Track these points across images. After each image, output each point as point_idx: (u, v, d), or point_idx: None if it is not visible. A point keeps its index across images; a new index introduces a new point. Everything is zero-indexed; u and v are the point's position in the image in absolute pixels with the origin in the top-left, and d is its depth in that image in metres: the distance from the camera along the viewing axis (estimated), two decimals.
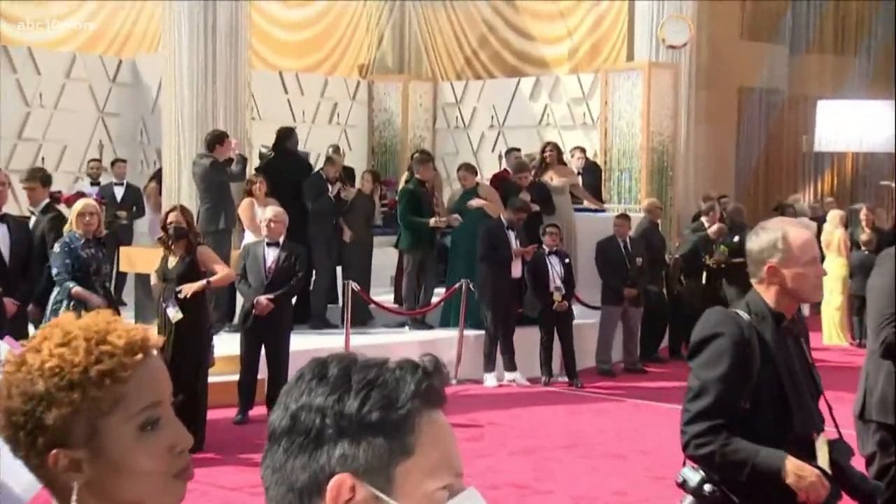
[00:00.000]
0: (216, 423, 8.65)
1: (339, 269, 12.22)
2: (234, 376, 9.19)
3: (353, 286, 10.81)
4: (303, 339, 10.22)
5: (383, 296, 12.57)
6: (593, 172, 14.73)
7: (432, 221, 11.84)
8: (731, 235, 13.45)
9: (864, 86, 21.02)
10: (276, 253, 9.20)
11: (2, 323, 7.34)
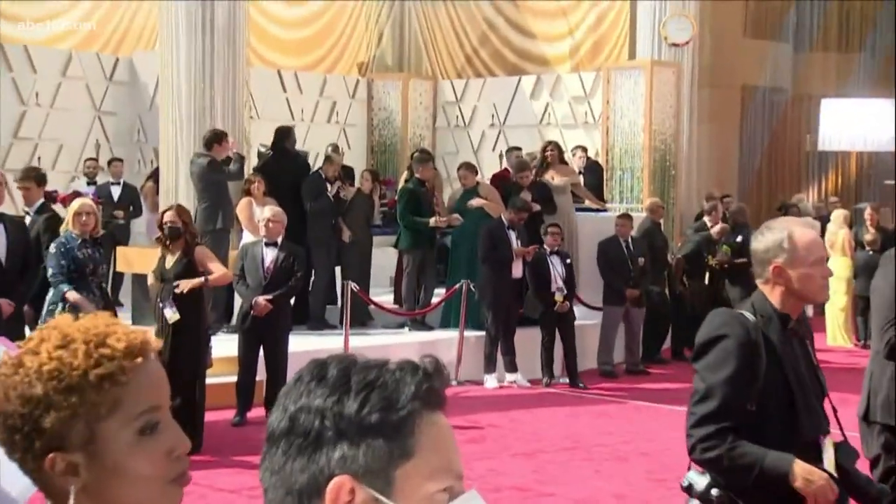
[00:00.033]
0: (214, 424, 8.62)
1: (338, 270, 12.18)
2: (233, 377, 9.14)
3: (353, 286, 10.77)
4: (301, 340, 10.18)
5: (383, 296, 12.54)
6: (595, 172, 14.67)
7: (432, 221, 11.78)
8: (733, 235, 13.38)
9: (869, 84, 20.95)
10: (275, 253, 9.16)
11: None
